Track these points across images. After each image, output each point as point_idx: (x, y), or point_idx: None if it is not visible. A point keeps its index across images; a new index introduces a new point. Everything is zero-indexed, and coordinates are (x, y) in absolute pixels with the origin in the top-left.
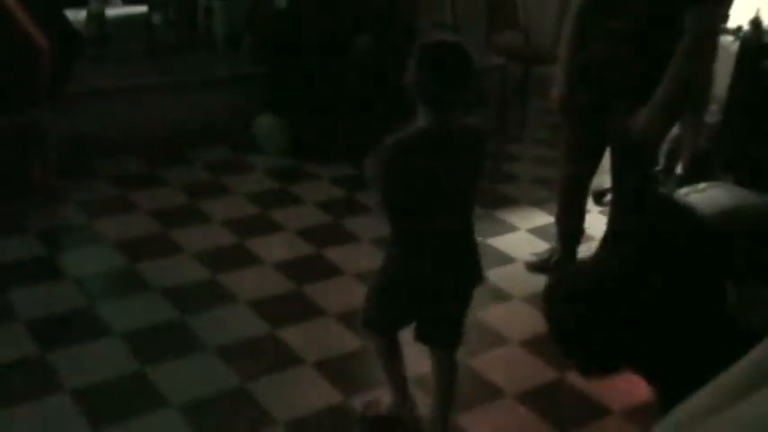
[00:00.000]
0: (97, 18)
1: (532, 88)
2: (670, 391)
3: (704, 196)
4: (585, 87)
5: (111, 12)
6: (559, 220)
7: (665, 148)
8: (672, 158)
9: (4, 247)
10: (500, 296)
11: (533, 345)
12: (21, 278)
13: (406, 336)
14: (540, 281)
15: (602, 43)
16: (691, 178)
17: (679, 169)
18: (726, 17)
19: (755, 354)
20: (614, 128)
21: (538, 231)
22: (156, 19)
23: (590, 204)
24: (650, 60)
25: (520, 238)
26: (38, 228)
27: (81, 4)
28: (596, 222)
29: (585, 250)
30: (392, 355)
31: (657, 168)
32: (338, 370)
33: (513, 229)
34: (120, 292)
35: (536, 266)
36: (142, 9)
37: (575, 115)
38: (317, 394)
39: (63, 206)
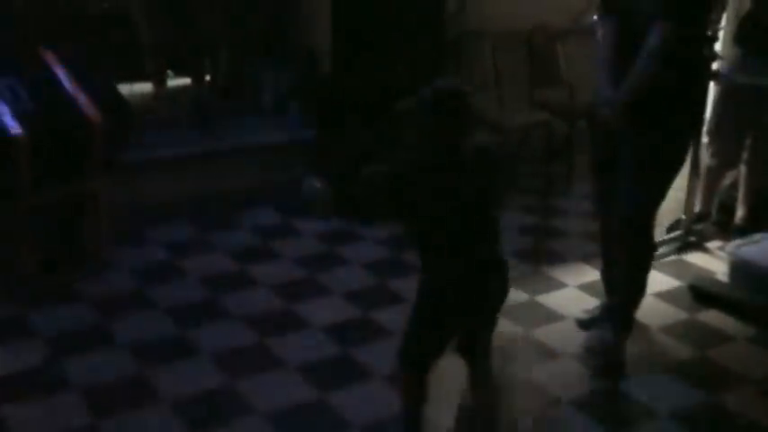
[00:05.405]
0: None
1: (577, 143)
2: None
3: (760, 248)
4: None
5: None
6: (602, 271)
7: (716, 200)
8: (723, 211)
9: (57, 314)
10: (549, 354)
11: (584, 404)
12: (74, 346)
13: None
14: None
15: None
16: (748, 229)
17: (737, 219)
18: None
19: None
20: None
21: (587, 287)
22: (205, 87)
23: None
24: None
25: (569, 294)
26: (91, 295)
27: (133, 78)
28: None
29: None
30: (422, 398)
31: (711, 220)
32: None
33: (561, 285)
34: (171, 358)
35: (586, 323)
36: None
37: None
38: None
39: (115, 273)
